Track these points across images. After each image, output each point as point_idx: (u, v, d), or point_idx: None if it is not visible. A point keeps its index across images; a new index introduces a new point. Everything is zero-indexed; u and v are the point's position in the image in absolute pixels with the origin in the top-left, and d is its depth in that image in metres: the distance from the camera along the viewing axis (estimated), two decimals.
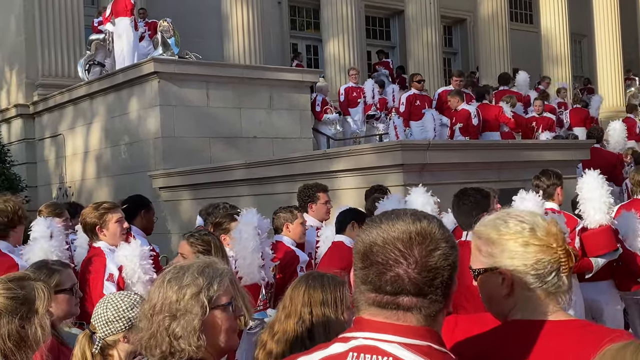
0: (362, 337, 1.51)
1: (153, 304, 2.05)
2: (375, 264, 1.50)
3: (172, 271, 2.09)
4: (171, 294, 2.03)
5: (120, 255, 4.15)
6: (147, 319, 2.05)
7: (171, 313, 2.01)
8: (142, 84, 10.31)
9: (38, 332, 2.34)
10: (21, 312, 2.31)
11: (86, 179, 11.61)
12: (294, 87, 11.22)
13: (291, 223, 5.11)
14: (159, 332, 2.01)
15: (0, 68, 13.81)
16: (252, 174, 8.72)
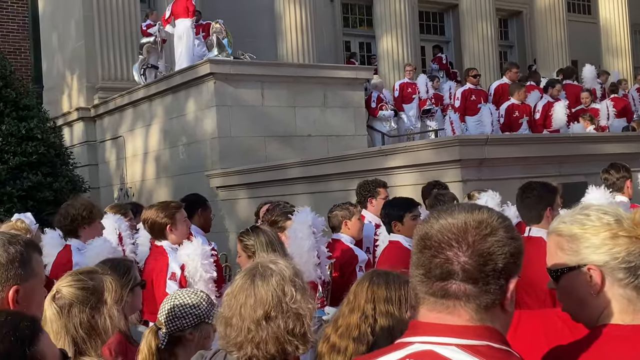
0: (418, 342, 1.47)
1: (267, 309, 2.03)
2: (428, 248, 1.46)
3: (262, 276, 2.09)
4: (281, 294, 2.05)
5: (182, 254, 4.21)
6: (255, 324, 2.03)
7: (290, 313, 2.04)
8: (199, 85, 10.47)
9: (107, 322, 2.40)
10: (91, 302, 2.39)
11: (146, 179, 11.85)
12: (347, 84, 11.21)
13: (349, 220, 5.08)
14: (277, 335, 2.02)
15: (62, 72, 14.21)
16: (307, 172, 8.75)
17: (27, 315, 1.58)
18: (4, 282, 2.04)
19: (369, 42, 18.08)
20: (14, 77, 9.02)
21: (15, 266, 2.07)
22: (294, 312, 2.04)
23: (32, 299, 2.09)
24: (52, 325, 2.32)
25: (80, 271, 2.58)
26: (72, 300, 2.37)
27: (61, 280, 2.50)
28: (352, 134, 11.12)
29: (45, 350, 1.51)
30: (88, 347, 2.34)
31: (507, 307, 1.46)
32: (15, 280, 2.06)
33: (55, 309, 2.34)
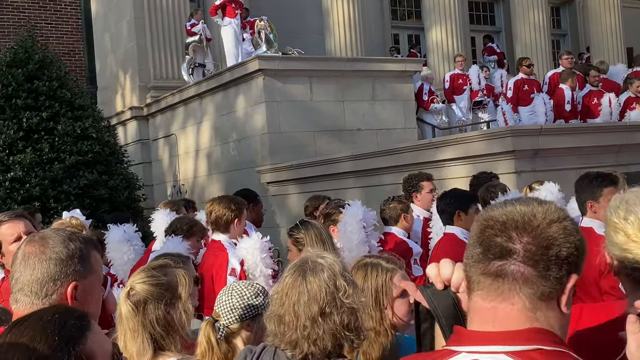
0: (465, 352, 1.41)
1: (322, 305, 2.02)
2: (491, 228, 1.41)
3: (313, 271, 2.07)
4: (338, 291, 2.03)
5: (242, 249, 4.22)
6: (310, 319, 2.02)
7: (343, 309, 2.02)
8: (248, 81, 10.53)
9: (183, 316, 2.41)
10: (166, 298, 2.39)
11: (198, 176, 12.00)
12: (396, 77, 11.12)
13: (407, 213, 5.03)
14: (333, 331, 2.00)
15: (115, 73, 14.50)
16: (358, 166, 8.72)
17: (76, 313, 1.55)
18: (63, 278, 2.05)
19: (418, 34, 17.90)
20: (68, 77, 9.24)
21: (74, 262, 2.06)
22: (348, 307, 2.01)
23: (91, 296, 2.08)
24: (128, 322, 2.33)
25: (153, 266, 2.58)
26: (147, 297, 2.38)
27: (134, 276, 2.51)
28: (402, 127, 11.03)
29: (94, 348, 1.48)
30: (167, 342, 2.35)
31: (563, 304, 1.38)
32: (74, 276, 2.07)
33: (130, 306, 2.35)
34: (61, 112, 8.67)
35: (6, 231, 3.26)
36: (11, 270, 2.14)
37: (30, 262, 2.04)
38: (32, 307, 2.04)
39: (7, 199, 8.01)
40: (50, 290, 2.04)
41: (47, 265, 2.04)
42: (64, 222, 4.36)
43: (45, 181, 8.25)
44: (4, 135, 8.29)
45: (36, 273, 2.03)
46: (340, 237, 4.47)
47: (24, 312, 2.03)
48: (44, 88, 8.65)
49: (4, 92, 8.53)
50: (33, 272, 2.03)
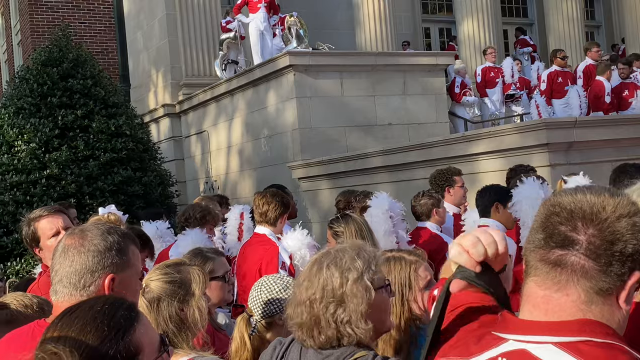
0: (512, 340, 1.39)
1: (312, 291, 2.03)
2: (557, 215, 1.37)
3: (328, 257, 2.07)
4: (333, 280, 2.01)
5: (290, 244, 4.25)
6: (306, 305, 2.03)
7: (335, 299, 1.99)
8: (279, 77, 10.56)
9: (196, 314, 2.43)
10: (179, 295, 2.42)
11: (230, 172, 12.07)
12: (428, 71, 11.04)
13: (439, 208, 5.00)
14: (324, 319, 2.00)
15: (147, 70, 14.65)
16: (389, 160, 8.69)
17: (125, 304, 1.57)
18: (101, 270, 2.08)
19: (449, 28, 17.76)
20: (102, 76, 9.35)
21: (112, 255, 2.10)
22: (339, 300, 2.00)
23: (127, 289, 2.11)
24: None
25: (168, 264, 2.62)
26: (160, 295, 2.41)
27: (150, 274, 2.55)
28: (434, 121, 10.96)
29: (142, 339, 1.51)
30: (179, 340, 2.38)
31: (622, 300, 1.34)
32: (112, 269, 2.10)
33: (144, 303, 2.38)
34: (95, 109, 8.79)
35: (45, 226, 3.32)
36: (51, 262, 2.18)
37: (69, 255, 2.08)
38: (70, 298, 2.08)
39: (43, 195, 8.16)
40: (88, 282, 2.07)
41: (86, 257, 2.07)
42: (101, 218, 4.42)
43: (81, 178, 8.38)
44: (40, 134, 8.43)
45: (75, 265, 2.07)
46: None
47: (63, 304, 2.07)
48: (78, 86, 8.78)
49: (40, 90, 8.68)
50: (72, 264, 2.07)
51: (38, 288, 3.35)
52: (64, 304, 2.06)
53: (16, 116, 8.64)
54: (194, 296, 2.45)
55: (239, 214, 5.25)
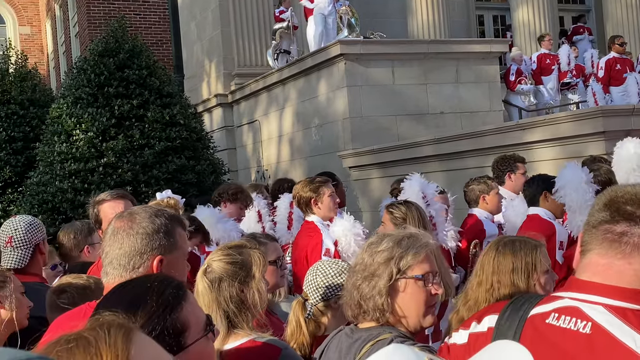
0: (567, 297, 1.46)
1: (353, 266, 2.18)
2: (621, 197, 1.45)
3: (376, 238, 2.17)
4: (366, 256, 2.12)
5: (335, 230, 4.29)
6: (349, 279, 2.17)
7: (363, 274, 2.09)
8: (330, 66, 10.56)
9: (256, 296, 2.47)
10: (240, 276, 2.46)
11: (281, 161, 12.15)
12: (481, 58, 10.88)
13: (487, 195, 4.94)
14: (352, 290, 2.11)
15: (201, 61, 14.83)
16: (441, 149, 8.61)
17: (174, 282, 1.61)
18: (149, 251, 2.12)
19: (503, 15, 17.44)
20: (157, 66, 9.50)
21: (159, 237, 2.14)
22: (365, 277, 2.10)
23: (175, 270, 2.14)
24: (203, 298, 2.41)
25: (230, 245, 2.66)
26: (222, 275, 2.45)
27: (212, 254, 2.60)
28: (487, 110, 10.80)
29: (189, 317, 1.53)
30: (239, 320, 2.42)
31: None
32: (160, 250, 2.14)
33: (206, 283, 2.43)
34: (150, 99, 8.93)
35: (107, 210, 3.40)
36: (102, 245, 2.24)
37: (118, 237, 2.14)
38: (120, 279, 2.13)
39: (100, 183, 8.35)
40: (137, 264, 2.13)
41: (134, 239, 2.12)
42: (160, 202, 4.51)
43: (137, 166, 8.55)
44: (97, 123, 8.62)
45: (124, 247, 2.12)
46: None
47: (113, 285, 2.13)
48: (134, 76, 8.93)
49: (97, 80, 8.87)
50: (121, 247, 2.12)
51: (97, 269, 3.45)
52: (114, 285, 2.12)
53: (74, 106, 8.85)
54: (254, 278, 2.49)
55: (288, 203, 5.30)
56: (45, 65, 24.48)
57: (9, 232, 3.63)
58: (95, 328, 1.03)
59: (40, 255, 3.72)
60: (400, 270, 2.06)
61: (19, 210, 8.99)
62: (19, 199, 9.94)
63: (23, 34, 24.97)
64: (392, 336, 2.01)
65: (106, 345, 1.00)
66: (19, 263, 3.63)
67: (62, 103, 9.09)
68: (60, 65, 23.94)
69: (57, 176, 8.62)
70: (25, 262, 3.65)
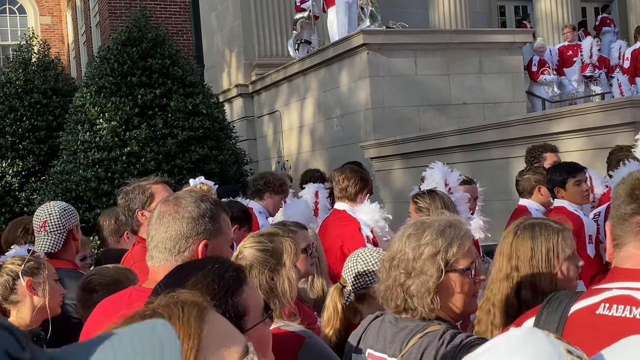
0: (615, 288, 1.44)
1: (391, 256, 2.08)
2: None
3: (414, 227, 2.09)
4: (409, 250, 2.02)
5: (366, 218, 4.28)
6: (385, 270, 2.08)
7: (407, 270, 2.01)
8: (352, 56, 10.51)
9: (285, 284, 2.46)
10: (270, 264, 2.45)
11: (302, 152, 12.14)
12: (505, 49, 10.79)
13: (543, 185, 4.86)
14: (395, 286, 2.03)
15: (221, 51, 14.83)
16: (465, 140, 8.55)
17: (233, 265, 1.60)
18: (195, 236, 2.13)
19: (525, 5, 17.29)
20: (180, 55, 9.51)
21: (205, 222, 2.14)
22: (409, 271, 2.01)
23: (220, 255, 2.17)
24: None
25: (262, 233, 2.66)
26: (253, 262, 2.45)
27: (244, 241, 2.59)
28: (510, 101, 10.71)
29: (248, 301, 1.52)
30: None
31: None
32: (205, 235, 2.14)
33: None
34: (173, 89, 8.94)
35: (159, 191, 3.41)
36: (147, 229, 2.24)
37: (164, 221, 2.14)
38: (166, 263, 2.13)
39: (124, 172, 8.38)
40: (182, 247, 2.12)
41: (180, 223, 2.12)
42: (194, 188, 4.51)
43: (160, 156, 8.58)
44: (120, 112, 8.65)
45: (170, 231, 2.12)
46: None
47: (159, 269, 2.13)
48: (157, 66, 8.95)
49: (120, 70, 8.89)
50: (167, 230, 2.12)
51: (131, 257, 3.46)
52: (159, 269, 2.12)
53: (97, 95, 8.88)
54: (285, 266, 2.48)
55: (314, 193, 5.29)
56: (66, 55, 24.60)
57: (43, 216, 3.65)
58: (170, 305, 1.03)
59: (73, 242, 3.74)
60: (448, 264, 2.01)
61: (43, 199, 9.06)
62: (43, 187, 10.01)
63: (44, 24, 25.11)
64: (444, 328, 1.97)
65: (179, 322, 0.99)
66: (52, 248, 3.65)
67: (85, 92, 9.13)
68: (80, 55, 24.06)
69: (81, 165, 8.66)
70: (59, 247, 3.66)
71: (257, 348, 1.42)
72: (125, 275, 3.03)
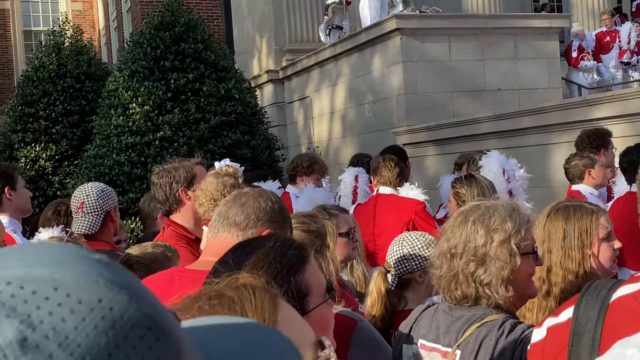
0: None
1: (454, 244, 1.97)
2: None
3: (477, 211, 1.98)
4: (477, 237, 1.93)
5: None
6: (447, 258, 1.98)
7: (476, 257, 1.92)
8: (385, 41, 10.39)
9: (330, 265, 2.42)
10: (316, 245, 2.41)
11: (332, 138, 12.06)
12: (540, 34, 10.58)
13: (592, 168, 4.77)
14: (463, 275, 1.94)
15: (252, 37, 14.78)
16: (500, 126, 8.41)
17: (295, 244, 1.56)
18: (266, 221, 2.14)
19: None
20: (212, 40, 9.49)
21: (280, 214, 2.18)
22: (481, 259, 1.92)
23: None
24: None
25: (304, 214, 2.63)
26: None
27: None
28: (546, 87, 10.52)
29: (311, 280, 1.48)
30: None
31: None
32: (274, 225, 2.15)
33: None
34: (206, 73, 8.94)
35: (202, 172, 3.42)
36: (219, 207, 2.24)
37: (243, 199, 2.15)
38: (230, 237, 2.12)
39: (157, 156, 8.40)
40: (251, 226, 2.15)
41: (259, 204, 2.14)
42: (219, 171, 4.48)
43: (192, 140, 8.59)
44: (153, 96, 8.67)
45: (246, 209, 2.13)
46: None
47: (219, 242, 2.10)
48: (189, 50, 8.94)
49: (153, 54, 8.90)
50: (243, 206, 2.13)
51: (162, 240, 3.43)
52: (220, 243, 2.09)
53: (130, 79, 8.91)
54: (329, 248, 2.44)
55: (353, 177, 5.24)
56: (97, 41, 24.78)
57: (81, 197, 3.63)
58: (238, 288, 0.97)
59: (111, 223, 3.72)
60: (520, 248, 1.93)
61: (76, 183, 9.13)
62: (76, 172, 10.09)
63: (75, 10, 25.28)
64: (503, 317, 1.90)
65: (252, 306, 0.94)
66: (89, 229, 3.63)
67: (118, 76, 9.16)
68: (111, 40, 24.21)
69: (114, 149, 8.70)
70: (96, 228, 3.65)
71: (318, 330, 1.36)
72: (164, 254, 3.01)
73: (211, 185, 2.91)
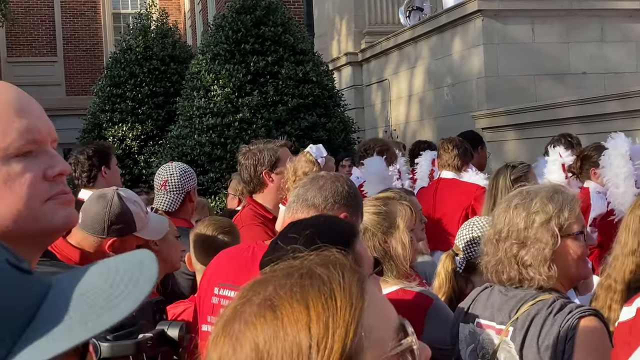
0: None
1: (499, 229, 2.03)
2: None
3: (519, 196, 2.04)
4: (519, 220, 1.98)
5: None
6: (492, 244, 2.04)
7: (519, 240, 1.97)
8: (465, 23, 10.24)
9: (399, 247, 2.46)
10: (383, 227, 2.47)
11: (410, 121, 12.01)
12: (629, 16, 10.18)
13: None
14: (507, 258, 1.99)
15: (332, 19, 14.82)
16: (584, 111, 8.17)
17: (345, 221, 1.64)
18: (342, 205, 2.21)
19: None
20: (292, 23, 9.59)
21: (356, 200, 2.26)
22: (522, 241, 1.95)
23: None
24: None
25: (377, 197, 2.70)
26: (366, 225, 2.47)
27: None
28: (633, 71, 10.13)
29: (362, 253, 1.55)
30: (384, 269, 2.43)
31: None
32: (349, 210, 2.21)
33: None
34: (285, 56, 9.06)
35: (286, 154, 3.52)
36: (295, 189, 2.33)
37: (321, 182, 2.23)
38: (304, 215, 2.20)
39: (236, 138, 8.60)
40: (327, 208, 2.21)
41: (336, 187, 2.22)
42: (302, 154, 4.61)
43: (270, 122, 8.74)
44: (234, 79, 8.85)
45: (324, 191, 2.20)
46: (605, 172, 4.23)
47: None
48: (269, 33, 9.07)
49: (234, 37, 9.08)
50: (321, 189, 2.21)
51: (240, 219, 3.55)
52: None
53: (212, 62, 9.12)
54: (398, 229, 2.48)
55: (430, 161, 5.24)
56: (182, 23, 25.38)
57: (164, 175, 3.80)
58: (328, 266, 0.91)
59: (189, 203, 3.88)
60: (562, 229, 1.96)
61: (160, 163, 9.46)
62: (160, 151, 10.45)
63: None
64: (554, 297, 1.94)
65: (341, 289, 0.88)
66: (170, 206, 3.80)
67: (201, 59, 9.39)
68: (196, 23, 24.75)
69: (196, 130, 8.96)
70: (176, 206, 3.81)
71: None
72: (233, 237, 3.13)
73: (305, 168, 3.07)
